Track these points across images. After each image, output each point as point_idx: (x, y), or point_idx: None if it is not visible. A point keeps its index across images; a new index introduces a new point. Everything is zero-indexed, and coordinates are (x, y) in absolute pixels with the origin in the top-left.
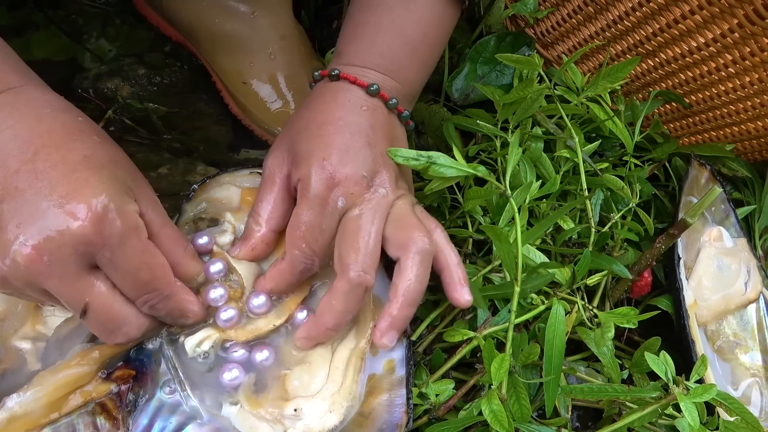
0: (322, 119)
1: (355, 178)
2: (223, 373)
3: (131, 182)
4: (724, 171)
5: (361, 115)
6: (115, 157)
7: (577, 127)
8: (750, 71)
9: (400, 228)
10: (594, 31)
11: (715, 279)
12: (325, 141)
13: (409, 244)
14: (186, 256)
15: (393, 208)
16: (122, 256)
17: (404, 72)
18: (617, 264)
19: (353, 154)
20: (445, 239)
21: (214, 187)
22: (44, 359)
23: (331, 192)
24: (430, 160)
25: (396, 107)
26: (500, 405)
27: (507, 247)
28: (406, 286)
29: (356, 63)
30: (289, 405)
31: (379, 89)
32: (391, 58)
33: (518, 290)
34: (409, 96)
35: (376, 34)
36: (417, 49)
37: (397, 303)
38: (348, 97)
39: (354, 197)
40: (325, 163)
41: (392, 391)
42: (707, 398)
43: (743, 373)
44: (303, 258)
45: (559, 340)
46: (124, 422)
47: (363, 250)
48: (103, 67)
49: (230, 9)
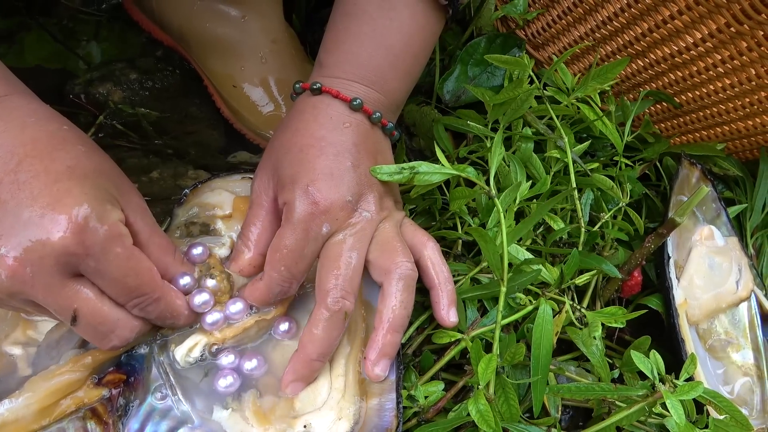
0: (304, 141)
1: (340, 204)
2: (218, 379)
3: (117, 191)
4: (715, 170)
5: (344, 134)
6: (100, 166)
7: (567, 128)
8: (738, 70)
9: (383, 253)
10: (584, 32)
11: (707, 278)
12: (308, 165)
13: (391, 269)
14: (175, 263)
15: (377, 231)
16: (107, 264)
17: (387, 83)
18: (606, 263)
19: (338, 178)
20: (437, 254)
21: (205, 192)
22: (35, 364)
23: (315, 218)
24: (413, 171)
25: (380, 120)
26: (487, 405)
27: (492, 247)
28: (390, 312)
29: (338, 75)
30: (298, 422)
31: (362, 104)
32: (373, 69)
33: (504, 290)
34: (393, 107)
35: (359, 44)
36: (400, 60)
37: (383, 330)
38: (330, 113)
39: (338, 223)
40: (310, 188)
41: (382, 396)
42: (693, 396)
43: (735, 372)
44: (280, 281)
45: (546, 340)
46: (114, 427)
47: (343, 276)
48: (95, 72)
49: (221, 13)
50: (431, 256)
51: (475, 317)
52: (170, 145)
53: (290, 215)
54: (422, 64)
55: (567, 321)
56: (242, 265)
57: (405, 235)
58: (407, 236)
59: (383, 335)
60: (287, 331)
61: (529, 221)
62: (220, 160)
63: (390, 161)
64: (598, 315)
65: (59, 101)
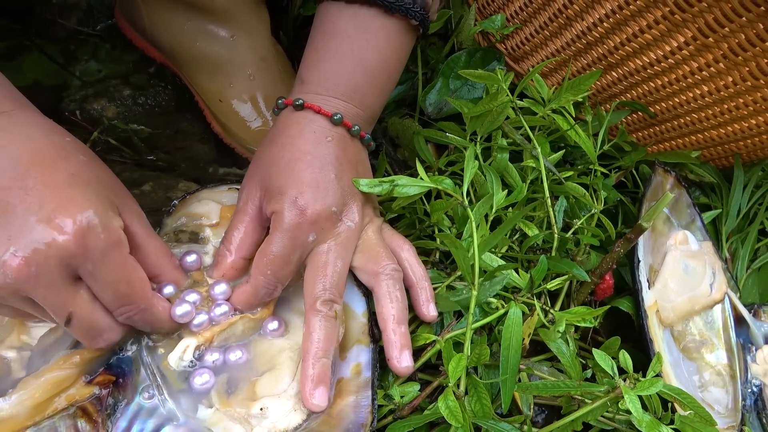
0: (291, 156)
1: (326, 215)
2: (194, 377)
3: (116, 198)
4: (691, 177)
5: (327, 147)
6: (100, 175)
7: (541, 138)
8: (707, 81)
9: (369, 258)
10: (560, 45)
11: (681, 281)
12: (295, 178)
13: (380, 271)
14: (170, 266)
15: (361, 239)
16: (103, 269)
17: (365, 99)
18: (577, 268)
19: (323, 190)
20: (413, 256)
21: (193, 203)
22: (29, 367)
23: (302, 227)
24: (393, 184)
25: (359, 133)
26: (456, 402)
27: (463, 255)
28: (392, 310)
29: (319, 92)
30: (256, 404)
31: (342, 118)
32: (353, 87)
33: (476, 294)
34: (370, 120)
35: (338, 62)
36: (376, 77)
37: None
38: (313, 128)
39: (324, 232)
40: (298, 200)
41: (359, 393)
42: (653, 391)
43: (709, 372)
44: (266, 284)
45: (515, 341)
46: (103, 425)
47: (330, 282)
48: (90, 88)
49: (210, 33)
50: (408, 258)
51: (450, 321)
52: (162, 159)
53: (279, 223)
54: (395, 80)
55: (539, 323)
56: (224, 268)
57: (385, 237)
58: (386, 239)
59: (395, 331)
60: (276, 329)
61: (501, 230)
62: (210, 173)
63: (368, 170)
64: (564, 314)
65: (55, 118)
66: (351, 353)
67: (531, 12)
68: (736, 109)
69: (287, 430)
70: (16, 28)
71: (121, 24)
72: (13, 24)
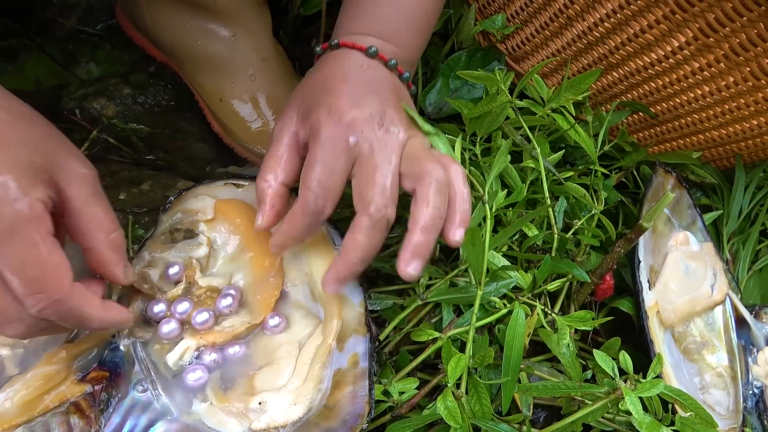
0: (326, 76)
1: (363, 118)
2: (187, 373)
3: (47, 162)
4: (692, 178)
5: (363, 72)
6: (25, 135)
7: (541, 138)
8: (708, 81)
9: (414, 162)
10: (561, 45)
11: (682, 282)
12: (330, 91)
13: (423, 175)
14: (106, 244)
15: (406, 146)
16: (10, 246)
17: (402, 38)
18: (577, 268)
19: (359, 98)
20: (460, 175)
21: (189, 199)
22: (22, 364)
23: (340, 132)
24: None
25: (396, 67)
26: (454, 402)
27: (477, 251)
28: (424, 214)
29: (355, 31)
30: (254, 399)
31: (377, 51)
32: (389, 26)
33: (481, 293)
34: (408, 60)
35: (374, 6)
36: (413, 17)
37: (417, 231)
38: (349, 59)
39: (365, 136)
40: (332, 108)
41: (356, 384)
42: (654, 393)
43: (709, 373)
44: (314, 197)
45: (518, 342)
46: (96, 420)
47: (381, 186)
48: (90, 87)
49: (212, 32)
50: (455, 175)
51: (451, 318)
52: (161, 158)
53: (316, 135)
54: (432, 24)
55: (539, 324)
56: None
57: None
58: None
59: (417, 235)
60: (277, 325)
61: (507, 231)
62: (209, 173)
63: (412, 106)
64: (567, 320)
65: (55, 117)
66: (348, 343)
67: (531, 12)
68: (737, 110)
69: (286, 423)
70: (16, 27)
71: (122, 22)
72: (13, 23)
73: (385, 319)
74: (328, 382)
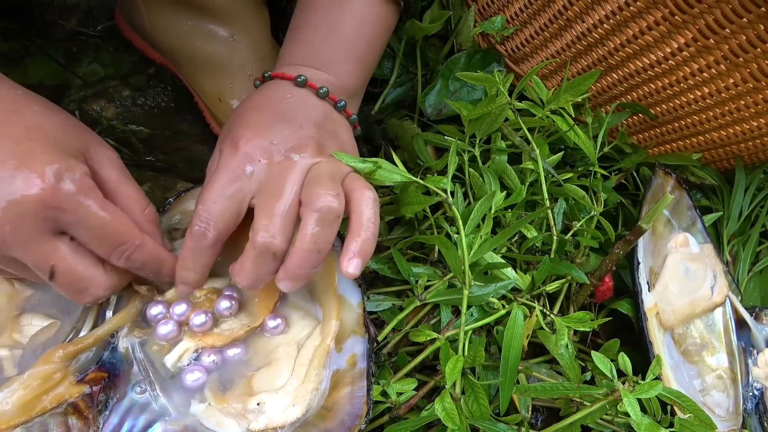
0: (244, 108)
1: (263, 147)
2: (185, 374)
3: (81, 145)
4: (692, 179)
5: (284, 101)
6: (59, 123)
7: (540, 139)
8: (708, 83)
9: (309, 188)
10: (561, 47)
11: (682, 284)
12: (239, 122)
13: (312, 200)
14: (144, 217)
15: (310, 172)
16: (85, 215)
17: (338, 65)
18: (576, 270)
19: (264, 127)
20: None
21: (188, 200)
22: (21, 365)
23: (236, 161)
24: (377, 165)
25: (327, 95)
26: (452, 404)
27: (453, 254)
28: (298, 245)
29: (290, 62)
30: (253, 399)
31: (306, 80)
32: (325, 54)
33: (467, 293)
34: (346, 88)
35: (311, 33)
36: (352, 45)
37: (290, 258)
38: (275, 89)
39: (261, 164)
40: (234, 137)
41: (354, 384)
42: (652, 394)
43: (709, 375)
44: (198, 221)
45: (516, 343)
46: (94, 421)
47: (270, 216)
48: (89, 89)
49: (210, 33)
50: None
51: (450, 319)
52: (161, 160)
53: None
54: (376, 51)
55: (537, 325)
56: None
57: (345, 182)
58: (347, 183)
59: (285, 263)
60: (276, 327)
61: (506, 232)
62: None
63: (343, 137)
64: (565, 320)
65: None
66: (347, 344)
67: (531, 14)
68: (738, 111)
69: (285, 424)
70: (17, 29)
71: (121, 25)
72: (14, 25)
73: (383, 320)
74: (327, 382)
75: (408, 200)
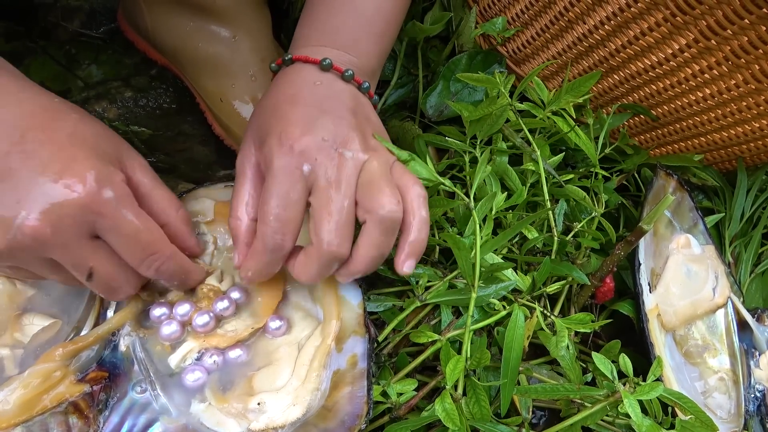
0: (276, 100)
1: (316, 144)
2: (185, 374)
3: (116, 152)
4: (694, 180)
5: (315, 90)
6: (96, 131)
7: (541, 141)
8: (710, 84)
9: (368, 192)
10: (562, 48)
11: (683, 285)
12: (280, 118)
13: (374, 209)
14: (178, 219)
15: (363, 170)
16: (122, 221)
17: (360, 45)
18: (576, 271)
19: (310, 123)
20: (419, 199)
21: (190, 201)
22: (22, 365)
23: (293, 161)
24: (411, 157)
25: (352, 78)
26: (453, 404)
27: (465, 255)
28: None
29: (310, 43)
30: (253, 399)
31: (331, 63)
32: (345, 34)
33: (475, 295)
34: (368, 69)
35: (330, 13)
36: (372, 23)
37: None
38: (301, 75)
39: (319, 163)
40: (282, 136)
41: (354, 384)
42: (653, 396)
43: (711, 377)
44: (272, 232)
45: (517, 344)
46: (95, 420)
47: (334, 222)
48: (92, 90)
49: (212, 33)
50: (413, 200)
51: (450, 320)
52: (162, 161)
53: (270, 166)
54: (394, 29)
55: (538, 326)
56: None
57: (394, 175)
58: (396, 177)
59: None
60: (279, 328)
61: (507, 234)
62: (210, 175)
63: (374, 119)
64: (566, 322)
65: None
66: (347, 344)
67: (532, 15)
68: (739, 112)
69: (285, 424)
70: (19, 29)
71: (124, 27)
72: (16, 26)
73: (384, 320)
74: (327, 382)
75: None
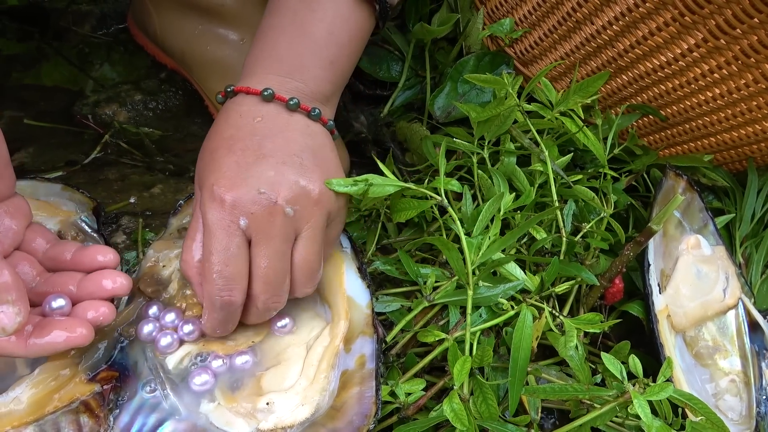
0: (213, 145)
1: (250, 198)
2: (192, 377)
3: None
4: (704, 181)
5: (255, 129)
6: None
7: (550, 141)
8: (719, 83)
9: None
10: (570, 48)
11: (694, 286)
12: (214, 168)
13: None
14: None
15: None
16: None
17: (309, 71)
18: (585, 271)
19: (245, 172)
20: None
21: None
22: (33, 365)
23: (227, 216)
24: (368, 184)
25: (298, 106)
26: (461, 404)
27: (455, 255)
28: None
29: (255, 72)
30: (262, 399)
31: (273, 93)
32: (291, 58)
33: (471, 293)
34: (319, 95)
35: (277, 39)
36: (322, 48)
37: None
38: (240, 111)
39: (255, 218)
40: (215, 188)
41: (363, 384)
42: (663, 396)
43: (722, 378)
44: (218, 290)
45: (525, 344)
46: (105, 419)
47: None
48: (102, 93)
49: (220, 37)
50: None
51: (458, 320)
52: (172, 162)
53: (204, 221)
54: (350, 56)
55: (547, 327)
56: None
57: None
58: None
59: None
60: (285, 326)
61: (515, 233)
62: None
63: (327, 153)
64: (575, 322)
65: (68, 121)
66: (355, 345)
67: (540, 16)
68: (749, 112)
69: (294, 424)
70: (32, 30)
71: (133, 31)
72: (30, 27)
73: (392, 321)
74: (336, 382)
75: (399, 207)
